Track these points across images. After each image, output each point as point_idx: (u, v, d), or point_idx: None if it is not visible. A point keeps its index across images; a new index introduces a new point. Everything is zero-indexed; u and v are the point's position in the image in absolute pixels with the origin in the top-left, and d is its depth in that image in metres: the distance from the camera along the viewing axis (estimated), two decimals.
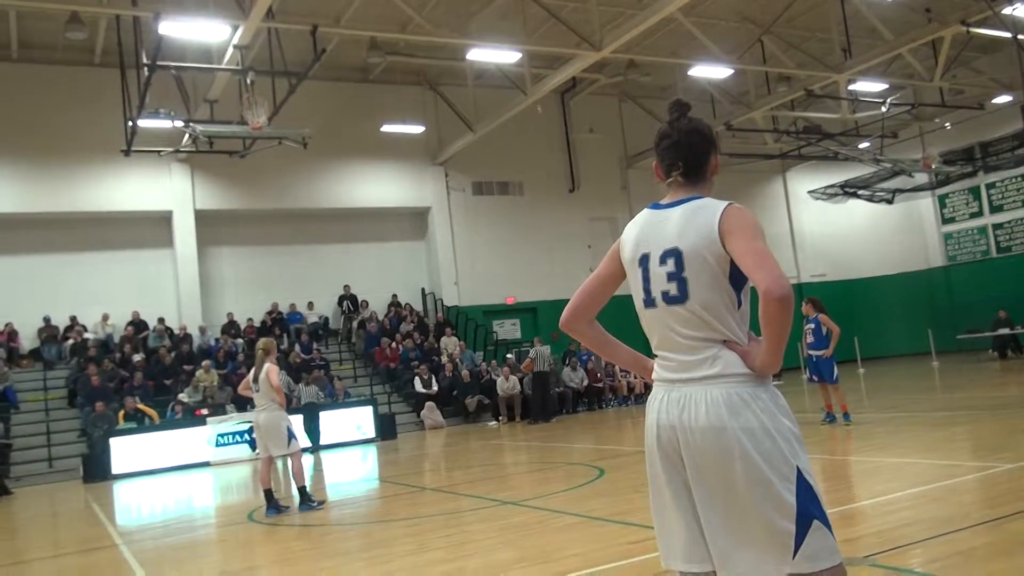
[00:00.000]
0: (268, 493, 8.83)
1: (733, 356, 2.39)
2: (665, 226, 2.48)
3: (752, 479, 2.28)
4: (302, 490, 8.91)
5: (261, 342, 9.22)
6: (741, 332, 2.43)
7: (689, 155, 2.54)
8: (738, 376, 2.37)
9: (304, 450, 15.90)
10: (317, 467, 14.34)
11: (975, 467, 7.51)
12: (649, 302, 2.52)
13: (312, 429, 16.80)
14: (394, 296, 23.70)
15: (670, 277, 2.44)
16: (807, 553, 2.26)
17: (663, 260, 2.46)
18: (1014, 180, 26.73)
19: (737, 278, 2.39)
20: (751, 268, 2.30)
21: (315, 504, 8.85)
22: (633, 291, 2.59)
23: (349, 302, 23.07)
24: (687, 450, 2.39)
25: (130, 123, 16.54)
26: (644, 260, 2.52)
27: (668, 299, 2.46)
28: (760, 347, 2.38)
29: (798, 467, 2.30)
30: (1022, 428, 9.68)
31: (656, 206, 2.57)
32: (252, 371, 9.03)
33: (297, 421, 16.47)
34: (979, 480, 6.85)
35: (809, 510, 2.28)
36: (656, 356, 2.57)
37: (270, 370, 8.78)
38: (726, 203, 2.41)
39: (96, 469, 15.31)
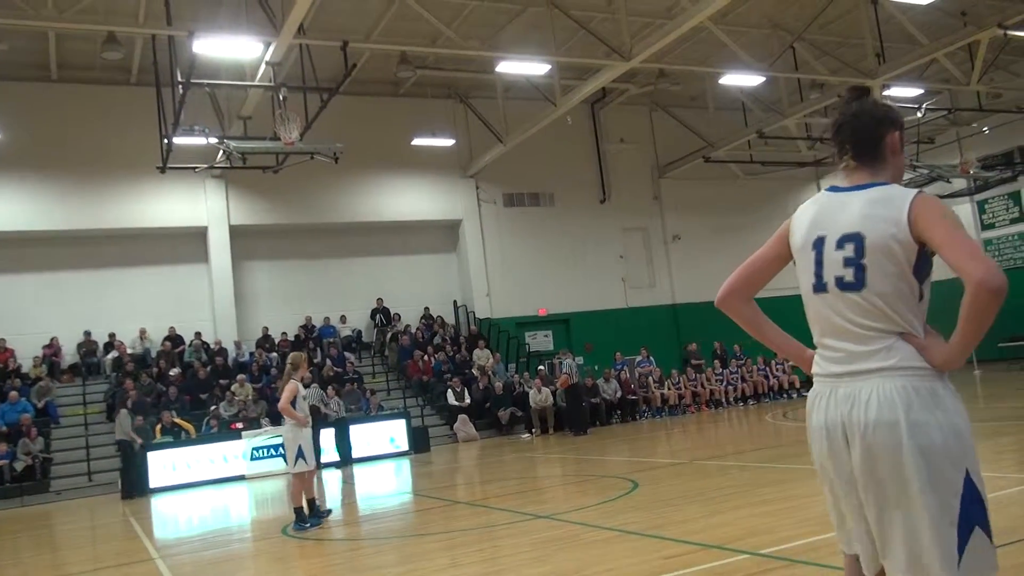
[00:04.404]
0: (311, 502, 9.00)
1: (910, 349, 2.32)
2: (845, 210, 2.40)
3: (921, 478, 2.22)
4: (297, 510, 8.83)
5: (290, 356, 9.28)
6: (919, 324, 2.36)
7: (855, 137, 2.47)
8: (916, 369, 2.30)
9: (330, 464, 16.06)
10: (347, 480, 14.38)
11: (1022, 479, 7.31)
12: (820, 287, 2.43)
13: (342, 443, 16.81)
14: (426, 309, 23.75)
15: (847, 262, 2.36)
16: (969, 563, 2.21)
17: (840, 245, 2.37)
18: None
19: (921, 269, 2.33)
20: (959, 258, 2.19)
21: (308, 526, 8.75)
22: (801, 275, 2.50)
23: (382, 315, 23.16)
24: (856, 447, 2.32)
25: (166, 140, 16.78)
26: (819, 243, 2.43)
27: (842, 285, 2.37)
28: (942, 340, 2.32)
29: (967, 469, 2.25)
30: None
31: (835, 189, 2.50)
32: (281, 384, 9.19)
33: (328, 436, 16.55)
34: None
35: (972, 515, 2.23)
36: (818, 347, 2.50)
37: (286, 388, 8.86)
38: (915, 191, 2.34)
39: (133, 483, 15.46)
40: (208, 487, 15.56)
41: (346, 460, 16.73)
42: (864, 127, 2.47)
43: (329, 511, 9.32)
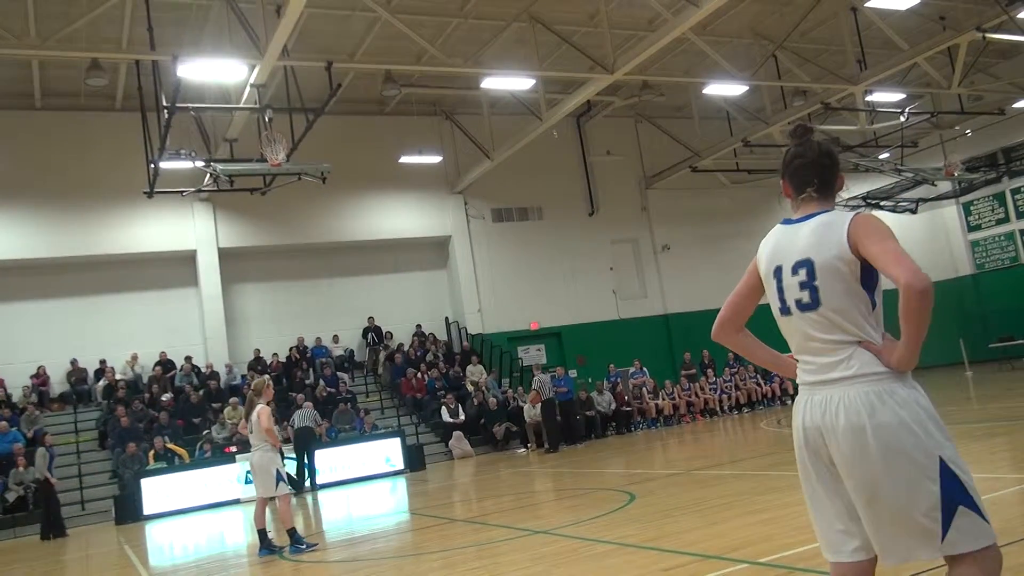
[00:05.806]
0: (262, 533, 8.81)
1: (868, 356, 2.55)
2: (796, 239, 2.68)
3: (894, 474, 2.44)
4: (291, 532, 8.72)
5: (253, 382, 9.16)
6: (875, 332, 2.59)
7: (823, 173, 2.74)
8: (875, 375, 2.53)
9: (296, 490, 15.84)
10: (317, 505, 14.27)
11: (1017, 479, 7.32)
12: (784, 310, 2.72)
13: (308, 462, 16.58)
14: (418, 326, 23.71)
15: (802, 286, 2.64)
16: (954, 538, 2.44)
17: (795, 270, 2.65)
18: None
19: (868, 281, 2.55)
20: (888, 266, 2.44)
21: (304, 547, 8.62)
22: (770, 301, 2.80)
23: (373, 334, 23.10)
24: (833, 450, 2.57)
25: (152, 165, 16.75)
26: (778, 272, 2.72)
27: (801, 306, 2.65)
28: (895, 343, 2.53)
29: (940, 457, 2.45)
30: None
31: (787, 221, 2.79)
32: (245, 410, 8.97)
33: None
34: (1022, 493, 6.66)
35: (954, 497, 2.44)
36: (796, 359, 2.77)
37: (261, 412, 8.72)
38: (853, 213, 2.60)
39: (127, 510, 15.34)
40: (203, 512, 15.45)
41: (312, 482, 16.55)
42: (829, 168, 2.77)
43: (280, 548, 8.95)
